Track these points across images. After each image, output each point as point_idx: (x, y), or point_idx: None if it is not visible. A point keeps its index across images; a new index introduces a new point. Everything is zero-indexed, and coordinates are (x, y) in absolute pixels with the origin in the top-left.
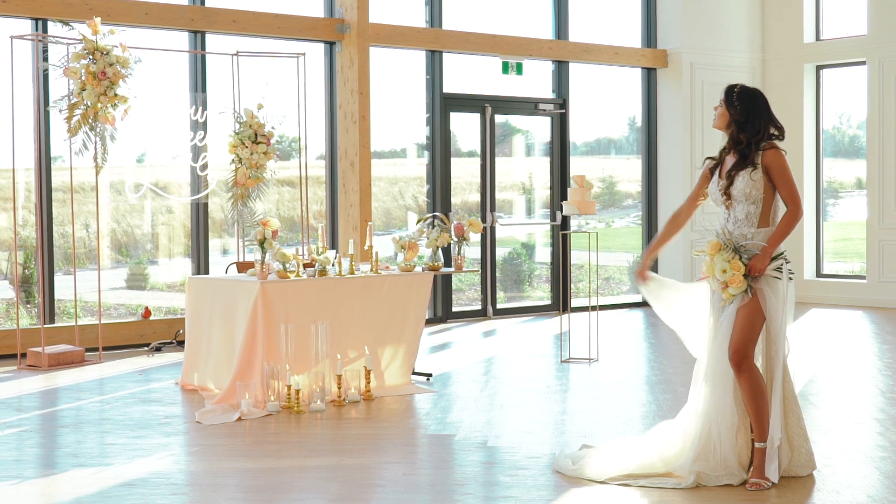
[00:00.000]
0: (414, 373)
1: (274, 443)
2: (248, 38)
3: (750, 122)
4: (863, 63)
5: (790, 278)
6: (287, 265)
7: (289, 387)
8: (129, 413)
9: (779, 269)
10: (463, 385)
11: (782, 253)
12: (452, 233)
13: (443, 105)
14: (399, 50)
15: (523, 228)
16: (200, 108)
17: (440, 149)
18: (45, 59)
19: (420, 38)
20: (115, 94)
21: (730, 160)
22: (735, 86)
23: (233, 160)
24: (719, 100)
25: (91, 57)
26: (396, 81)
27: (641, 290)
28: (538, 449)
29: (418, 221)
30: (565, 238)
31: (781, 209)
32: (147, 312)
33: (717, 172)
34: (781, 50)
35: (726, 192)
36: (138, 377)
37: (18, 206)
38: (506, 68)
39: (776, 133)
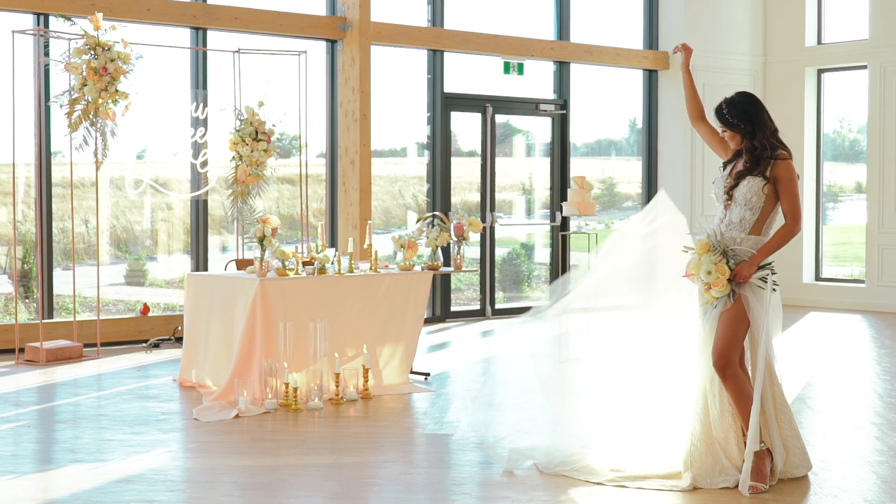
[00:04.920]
0: (412, 372)
1: (271, 440)
2: (249, 36)
3: (757, 127)
4: (864, 67)
5: (774, 289)
6: (286, 263)
7: (287, 384)
8: (127, 409)
9: (763, 279)
10: (461, 385)
11: (770, 264)
12: (452, 232)
13: (443, 104)
14: (400, 49)
15: (523, 229)
16: (201, 105)
17: (440, 148)
18: (47, 54)
19: (421, 38)
20: (117, 90)
21: (742, 162)
22: (721, 106)
23: (233, 157)
24: (719, 125)
25: (92, 52)
26: (397, 80)
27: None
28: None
29: (418, 220)
30: (565, 239)
31: (777, 222)
32: (146, 309)
33: (728, 169)
34: (783, 53)
35: (728, 192)
36: (136, 373)
37: (18, 200)
38: (507, 68)
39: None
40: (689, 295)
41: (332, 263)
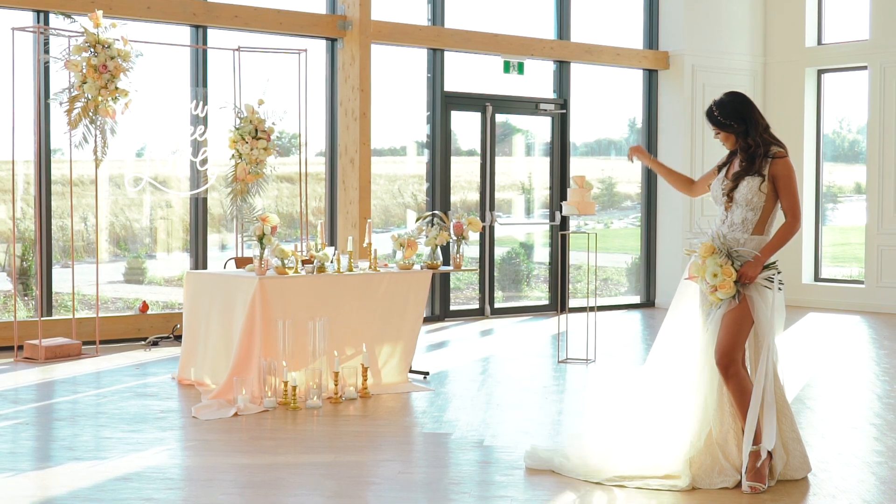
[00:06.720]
0: (411, 371)
1: (270, 439)
2: (249, 34)
3: (750, 126)
4: (864, 68)
5: (780, 288)
6: (286, 261)
7: (286, 383)
8: (126, 407)
9: (769, 279)
10: (460, 384)
11: (774, 262)
12: (451, 231)
13: (443, 103)
14: (400, 48)
15: (522, 228)
16: (201, 103)
17: (440, 147)
18: (47, 52)
19: (422, 36)
20: (116, 88)
21: (738, 162)
22: (712, 108)
23: (233, 155)
24: (712, 128)
25: (92, 50)
26: (397, 79)
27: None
28: None
29: (417, 219)
30: (564, 238)
31: (778, 220)
32: (144, 306)
33: (724, 171)
34: (783, 53)
35: (728, 194)
36: (135, 371)
37: (17, 198)
38: (507, 68)
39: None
40: (682, 295)
41: (332, 262)
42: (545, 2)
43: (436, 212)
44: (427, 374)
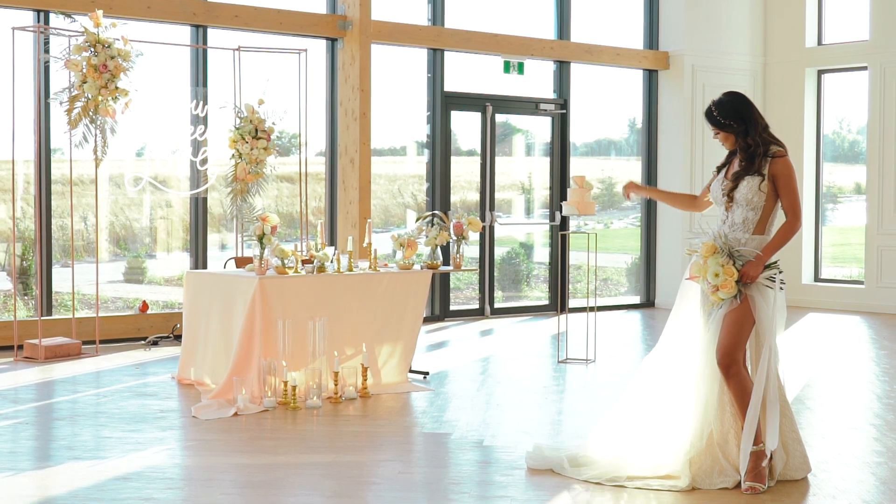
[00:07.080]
0: (411, 371)
1: (270, 439)
2: (249, 34)
3: (749, 126)
4: (864, 68)
5: (781, 288)
6: (286, 261)
7: (285, 383)
8: (125, 407)
9: (771, 279)
10: (460, 384)
11: (776, 262)
12: (451, 231)
13: (443, 103)
14: (401, 47)
15: (522, 228)
16: (201, 103)
17: (440, 147)
18: (47, 51)
19: (422, 36)
20: (116, 87)
21: (737, 162)
22: (710, 109)
23: (233, 155)
24: (712, 128)
25: (93, 49)
26: (397, 79)
27: (628, 195)
28: None
29: (417, 219)
30: (564, 238)
31: (779, 219)
32: (144, 306)
33: (723, 172)
34: (783, 54)
35: (728, 194)
36: (135, 371)
37: (17, 197)
38: (507, 68)
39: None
40: (683, 296)
41: (332, 262)
42: (545, 2)
43: (436, 212)
44: (427, 374)
